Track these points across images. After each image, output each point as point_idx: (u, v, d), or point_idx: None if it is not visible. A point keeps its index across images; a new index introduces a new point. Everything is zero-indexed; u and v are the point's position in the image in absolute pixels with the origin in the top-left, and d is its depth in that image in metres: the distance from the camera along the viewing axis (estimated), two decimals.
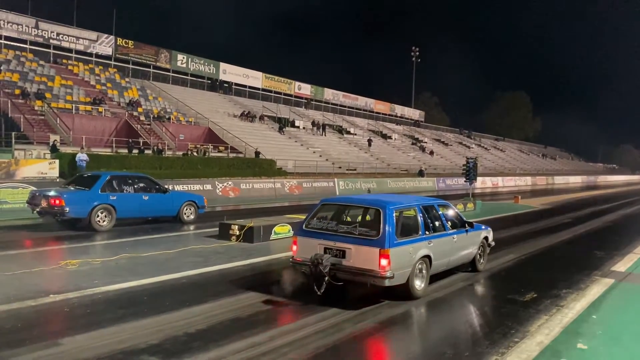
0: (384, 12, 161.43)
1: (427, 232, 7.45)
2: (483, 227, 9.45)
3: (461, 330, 6.24)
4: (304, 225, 7.48)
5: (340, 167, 39.48)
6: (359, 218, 7.86)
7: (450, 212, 8.61)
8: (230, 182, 23.75)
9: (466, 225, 8.62)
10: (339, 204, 8.13)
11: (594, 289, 8.16)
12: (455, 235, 8.20)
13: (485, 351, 5.33)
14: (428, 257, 7.34)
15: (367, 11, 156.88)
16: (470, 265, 9.14)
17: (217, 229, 12.02)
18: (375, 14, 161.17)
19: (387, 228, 6.71)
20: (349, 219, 7.83)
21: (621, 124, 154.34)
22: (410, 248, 7.00)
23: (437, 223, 7.89)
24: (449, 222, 8.24)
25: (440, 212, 8.13)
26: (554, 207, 24.96)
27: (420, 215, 7.47)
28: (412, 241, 7.09)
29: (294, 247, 7.39)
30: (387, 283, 6.62)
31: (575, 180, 66.52)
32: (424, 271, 7.34)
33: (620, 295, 7.98)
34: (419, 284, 7.23)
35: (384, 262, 6.55)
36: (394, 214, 6.99)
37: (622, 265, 10.23)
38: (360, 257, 6.71)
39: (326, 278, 6.70)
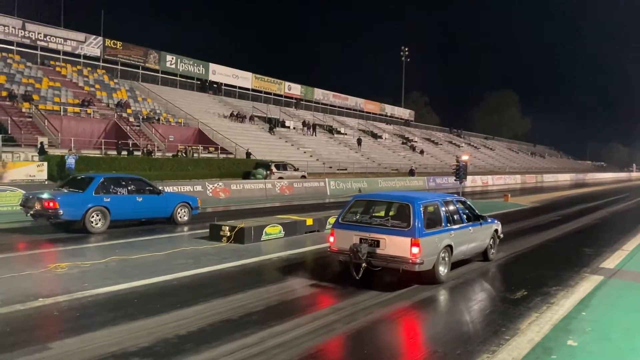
0: (373, 12, 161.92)
1: (448, 225, 8.31)
2: (490, 220, 10.16)
3: (452, 328, 6.27)
4: (340, 219, 8.34)
5: (330, 167, 39.51)
6: (390, 212, 8.52)
7: (466, 207, 9.44)
8: (220, 183, 23.65)
9: (480, 218, 9.51)
10: (370, 200, 8.95)
11: (584, 286, 8.24)
12: (471, 228, 9.06)
13: (476, 349, 5.35)
14: (450, 246, 8.22)
15: (355, 11, 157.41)
16: (482, 255, 9.91)
17: (208, 230, 11.96)
18: (364, 13, 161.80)
19: (416, 220, 7.56)
20: (378, 213, 8.57)
21: (609, 122, 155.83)
22: (436, 238, 7.85)
23: (456, 216, 8.76)
24: (466, 216, 9.08)
25: (458, 207, 9.05)
26: (543, 205, 25.11)
27: (443, 209, 8.37)
28: (437, 232, 7.94)
29: (331, 239, 8.25)
30: (417, 268, 7.49)
31: (564, 178, 67.04)
32: (446, 259, 8.21)
33: (609, 291, 8.05)
34: (442, 270, 8.09)
35: (415, 250, 7.37)
36: (421, 208, 7.76)
37: (610, 262, 10.32)
38: (394, 246, 7.54)
39: (364, 265, 7.52)
